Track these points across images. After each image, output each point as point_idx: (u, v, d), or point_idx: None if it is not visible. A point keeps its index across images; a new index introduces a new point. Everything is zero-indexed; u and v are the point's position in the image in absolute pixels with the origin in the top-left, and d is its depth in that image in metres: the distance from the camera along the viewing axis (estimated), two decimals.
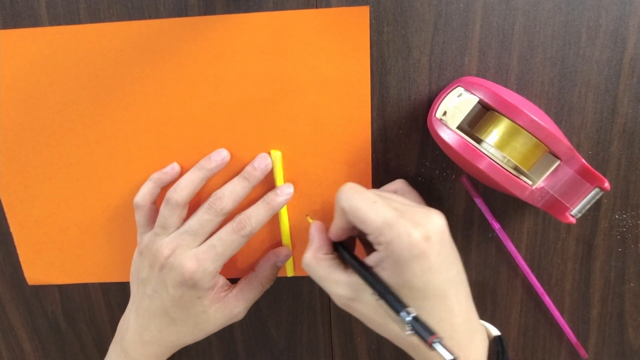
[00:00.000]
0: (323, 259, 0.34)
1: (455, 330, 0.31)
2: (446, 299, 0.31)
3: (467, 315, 0.32)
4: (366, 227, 0.31)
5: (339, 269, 0.34)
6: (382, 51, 0.37)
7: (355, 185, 0.33)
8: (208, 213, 0.37)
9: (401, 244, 0.29)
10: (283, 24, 0.37)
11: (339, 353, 0.46)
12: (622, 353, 0.44)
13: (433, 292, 0.30)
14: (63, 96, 0.39)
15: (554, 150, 0.34)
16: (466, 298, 0.33)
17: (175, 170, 0.40)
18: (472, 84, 0.34)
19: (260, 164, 0.39)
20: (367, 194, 0.32)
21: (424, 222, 0.30)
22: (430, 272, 0.30)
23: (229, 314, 0.39)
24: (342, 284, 0.33)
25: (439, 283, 0.30)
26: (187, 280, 0.36)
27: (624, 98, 0.37)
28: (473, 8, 0.36)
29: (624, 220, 0.40)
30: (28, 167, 0.41)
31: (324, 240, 0.36)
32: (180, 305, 0.37)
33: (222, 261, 0.37)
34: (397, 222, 0.29)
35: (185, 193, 0.38)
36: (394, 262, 0.30)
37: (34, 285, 0.45)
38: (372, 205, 0.31)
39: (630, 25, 0.36)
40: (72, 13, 0.37)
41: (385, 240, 0.30)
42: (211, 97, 0.39)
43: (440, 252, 0.30)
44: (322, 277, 0.34)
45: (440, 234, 0.30)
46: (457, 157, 0.35)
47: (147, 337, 0.39)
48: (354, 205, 0.31)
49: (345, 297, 0.33)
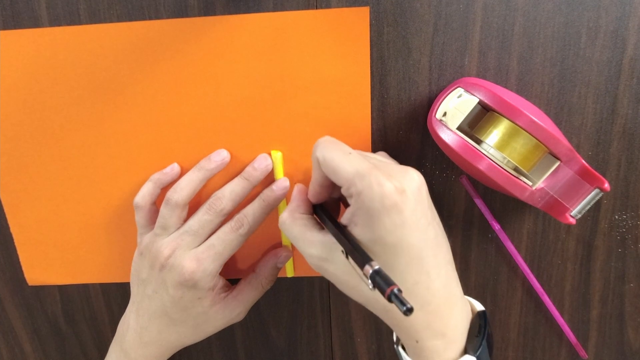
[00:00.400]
0: (299, 218, 0.33)
1: (432, 294, 0.29)
2: (422, 259, 0.29)
3: (446, 281, 0.30)
4: (338, 178, 0.29)
5: (314, 229, 0.32)
6: (382, 52, 0.37)
7: (332, 138, 0.32)
8: (208, 213, 0.37)
9: (372, 194, 0.27)
10: (283, 24, 0.37)
11: (338, 353, 0.46)
12: (622, 353, 0.44)
13: (407, 250, 0.28)
14: (63, 97, 0.39)
15: (554, 151, 0.34)
16: (446, 264, 0.31)
17: (175, 170, 0.40)
18: (472, 84, 0.34)
19: (261, 164, 0.39)
20: (342, 146, 0.31)
21: (399, 176, 0.28)
22: (404, 228, 0.28)
23: (229, 315, 0.39)
24: (316, 243, 0.31)
25: (414, 241, 0.28)
26: (188, 281, 0.36)
27: (623, 99, 0.37)
28: (473, 9, 0.36)
29: (623, 220, 0.40)
30: (28, 168, 0.41)
31: (303, 201, 0.34)
32: (181, 306, 0.37)
33: (221, 261, 0.37)
34: (370, 173, 0.28)
35: (185, 193, 0.38)
36: (365, 214, 0.28)
37: (34, 286, 0.45)
38: (346, 155, 0.30)
39: (630, 26, 0.36)
40: (72, 14, 0.37)
41: (356, 191, 0.28)
42: (211, 98, 0.39)
43: (415, 208, 0.28)
44: (296, 236, 0.32)
45: (416, 190, 0.29)
46: (457, 158, 0.35)
47: (147, 338, 0.39)
48: (327, 155, 0.30)
49: (317, 257, 0.31)
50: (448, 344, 0.30)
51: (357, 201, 0.28)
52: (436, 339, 0.30)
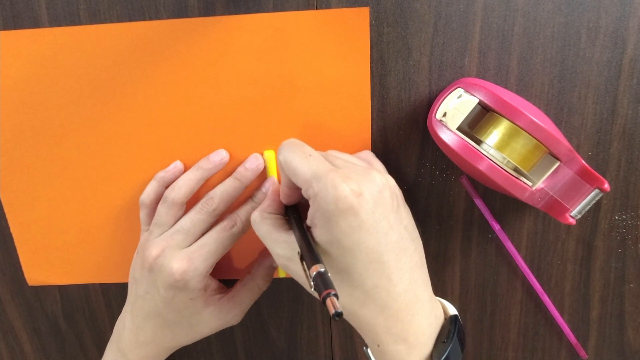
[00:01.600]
0: (268, 217, 0.33)
1: (392, 298, 0.29)
2: (382, 263, 0.28)
3: (409, 286, 0.30)
4: (297, 180, 0.30)
5: (282, 229, 0.32)
6: (382, 52, 0.37)
7: (296, 140, 0.32)
8: (200, 213, 0.37)
9: (327, 196, 0.27)
10: (283, 25, 0.37)
11: (339, 353, 0.46)
12: (622, 354, 0.44)
13: (365, 254, 0.28)
14: (63, 97, 0.39)
15: (554, 152, 0.34)
16: (411, 268, 0.30)
17: (178, 168, 0.40)
18: (472, 85, 0.34)
19: (252, 164, 0.39)
20: (304, 148, 0.31)
21: (358, 179, 0.28)
22: (360, 231, 0.28)
23: (225, 316, 0.39)
24: (283, 244, 0.32)
25: (372, 245, 0.28)
26: (178, 282, 0.36)
27: (623, 99, 0.37)
28: (473, 9, 0.36)
29: (623, 221, 0.40)
30: (28, 168, 0.41)
31: (275, 201, 0.35)
32: (173, 307, 0.37)
33: (213, 260, 0.37)
34: (326, 175, 0.28)
35: (182, 192, 0.38)
36: (322, 216, 0.28)
37: (34, 286, 0.45)
38: (306, 157, 0.30)
39: (630, 27, 0.36)
40: (72, 14, 0.37)
41: (313, 193, 0.28)
42: (211, 98, 0.39)
43: (373, 211, 0.28)
44: (264, 235, 0.33)
45: (377, 192, 0.28)
46: (457, 158, 0.35)
47: (143, 338, 0.39)
48: (288, 157, 0.30)
49: (282, 257, 0.32)
50: (410, 349, 0.30)
51: (314, 203, 0.28)
52: (397, 344, 0.30)
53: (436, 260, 0.43)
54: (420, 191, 0.41)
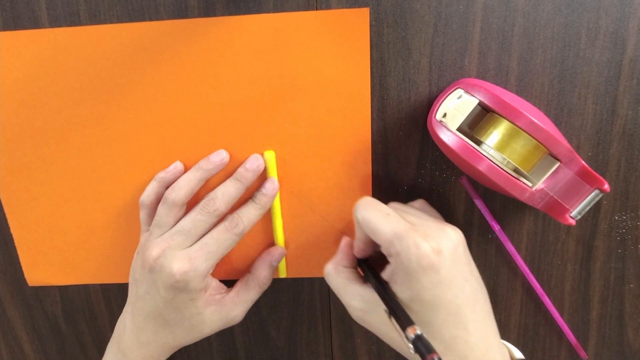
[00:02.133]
0: (343, 271, 0.35)
1: (470, 347, 0.31)
2: (459, 315, 0.30)
3: (484, 333, 0.32)
4: (377, 239, 0.31)
5: (356, 282, 0.34)
6: (382, 53, 0.37)
7: (372, 199, 0.34)
8: (201, 214, 0.37)
9: (409, 255, 0.29)
10: (283, 25, 0.37)
11: (339, 354, 0.46)
12: (622, 354, 0.44)
13: (445, 307, 0.30)
14: (63, 98, 0.39)
15: (554, 152, 0.34)
16: (484, 316, 0.32)
17: (179, 168, 0.40)
18: (472, 85, 0.34)
19: (252, 165, 0.39)
20: (381, 207, 0.33)
21: (436, 236, 0.30)
22: (441, 286, 0.29)
23: (226, 316, 0.39)
24: (358, 297, 0.33)
25: (451, 298, 0.30)
26: (179, 282, 0.36)
27: (623, 99, 0.37)
28: (473, 10, 0.36)
29: (623, 221, 0.40)
30: (28, 169, 0.41)
31: (349, 254, 0.36)
32: (174, 308, 0.37)
33: (213, 261, 0.37)
34: (407, 234, 0.29)
35: (182, 193, 0.38)
36: (403, 274, 0.30)
37: (34, 286, 0.45)
38: (384, 217, 0.31)
39: (630, 27, 0.36)
40: (72, 15, 0.37)
41: (395, 252, 0.30)
42: (211, 99, 0.39)
43: (451, 266, 0.30)
44: (339, 288, 0.35)
45: (453, 249, 0.30)
46: (457, 159, 0.35)
47: (144, 339, 0.39)
48: (367, 216, 0.32)
49: (359, 310, 0.33)
50: None
51: (396, 261, 0.30)
52: None
53: None
54: (420, 192, 0.41)
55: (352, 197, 0.41)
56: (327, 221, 0.41)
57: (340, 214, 0.41)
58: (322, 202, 0.41)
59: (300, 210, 0.41)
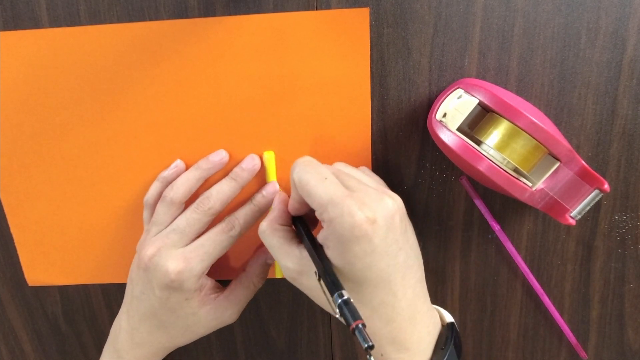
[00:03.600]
0: (278, 229, 0.34)
1: (396, 312, 0.31)
2: (390, 282, 0.30)
3: (411, 300, 0.31)
4: (312, 202, 0.30)
5: (292, 242, 0.33)
6: (382, 53, 0.37)
7: (312, 159, 0.33)
8: (196, 212, 0.37)
9: (343, 223, 0.28)
10: (283, 25, 0.37)
11: (339, 354, 0.46)
12: (622, 354, 0.44)
13: (375, 275, 0.29)
14: (63, 98, 0.39)
15: (554, 152, 0.34)
16: (414, 283, 0.32)
17: (180, 167, 0.40)
18: (472, 85, 0.34)
19: (248, 164, 0.39)
20: (320, 169, 0.31)
21: (373, 204, 0.29)
22: (373, 255, 0.29)
23: (221, 316, 0.39)
24: (293, 257, 0.32)
25: (383, 267, 0.29)
26: (173, 282, 0.35)
27: (623, 99, 0.37)
28: (473, 10, 0.36)
29: (623, 221, 0.40)
30: (28, 169, 0.41)
31: (284, 212, 0.35)
32: (169, 308, 0.37)
33: (209, 261, 0.37)
34: (342, 201, 0.28)
35: (180, 192, 0.38)
36: (336, 240, 0.29)
37: (34, 286, 0.45)
38: (321, 181, 0.30)
39: (630, 27, 0.36)
40: (72, 15, 0.37)
41: (328, 218, 0.29)
42: (211, 99, 0.39)
43: (386, 236, 0.29)
44: (274, 247, 0.33)
45: (389, 218, 0.29)
46: (457, 159, 0.35)
47: (138, 339, 0.39)
48: (304, 178, 0.31)
49: (293, 271, 0.32)
50: (412, 356, 0.31)
51: (328, 227, 0.29)
52: (400, 352, 0.31)
53: (436, 260, 0.43)
54: (420, 191, 0.41)
55: None
56: None
57: None
58: None
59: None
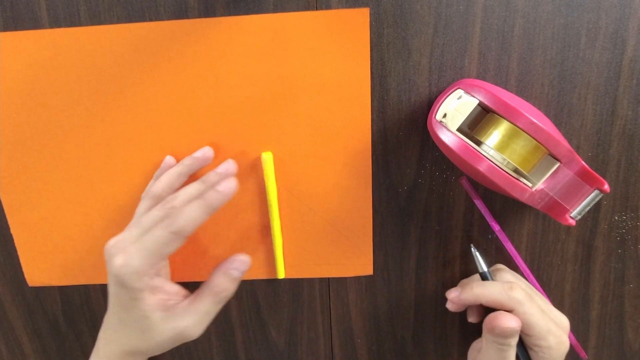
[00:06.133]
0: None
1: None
2: None
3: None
4: (531, 331, 0.36)
5: None
6: (382, 53, 0.37)
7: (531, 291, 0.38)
8: (159, 210, 0.36)
9: (560, 351, 0.36)
10: (283, 25, 0.37)
11: (339, 354, 0.46)
12: (622, 354, 0.44)
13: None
14: (63, 98, 0.39)
15: (554, 153, 0.34)
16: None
17: (168, 162, 0.40)
18: (472, 86, 0.34)
19: (222, 169, 0.38)
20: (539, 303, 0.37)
21: (565, 328, 0.37)
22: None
23: (178, 325, 0.35)
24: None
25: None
26: (117, 276, 0.34)
27: (623, 100, 0.37)
28: (473, 10, 0.36)
29: (623, 221, 0.40)
30: (28, 169, 0.41)
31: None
32: (122, 305, 0.35)
33: (150, 259, 0.34)
34: (557, 331, 0.36)
35: (160, 186, 0.38)
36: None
37: (34, 287, 0.45)
38: (542, 314, 0.36)
39: (629, 27, 0.36)
40: (72, 15, 0.37)
41: (547, 345, 0.36)
42: (212, 99, 0.39)
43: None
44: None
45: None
46: (457, 159, 0.35)
47: (108, 335, 0.38)
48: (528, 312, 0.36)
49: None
50: None
51: (547, 352, 0.36)
52: None
53: (436, 260, 0.43)
54: (420, 192, 0.41)
55: (352, 197, 0.41)
56: (326, 221, 0.41)
57: (340, 215, 0.41)
58: (322, 202, 0.41)
59: (300, 211, 0.41)
